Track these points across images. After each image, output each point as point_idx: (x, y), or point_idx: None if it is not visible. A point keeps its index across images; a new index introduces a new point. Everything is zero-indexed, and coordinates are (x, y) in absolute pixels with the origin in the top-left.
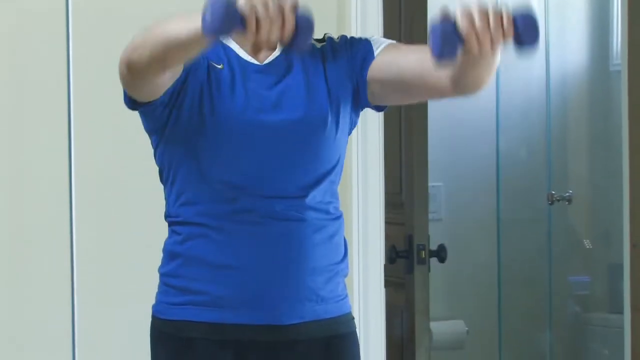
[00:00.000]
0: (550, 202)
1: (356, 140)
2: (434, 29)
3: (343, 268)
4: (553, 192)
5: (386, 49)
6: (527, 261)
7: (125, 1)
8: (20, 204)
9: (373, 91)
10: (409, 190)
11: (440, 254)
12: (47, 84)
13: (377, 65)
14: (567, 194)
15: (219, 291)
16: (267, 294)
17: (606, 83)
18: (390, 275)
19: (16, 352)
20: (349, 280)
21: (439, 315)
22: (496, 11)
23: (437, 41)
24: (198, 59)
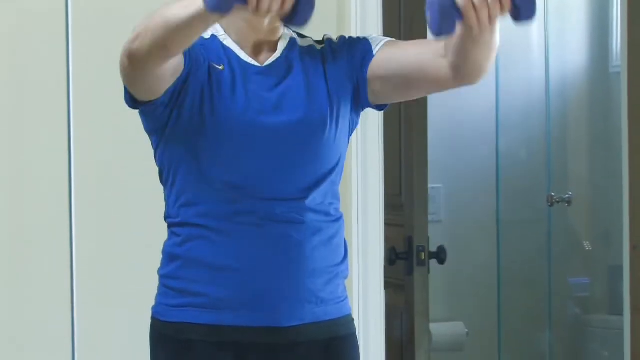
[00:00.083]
0: (550, 204)
1: (356, 141)
2: (432, 4)
3: (343, 270)
4: (553, 194)
5: (385, 46)
6: (527, 263)
7: (125, 1)
8: (20, 204)
9: (374, 89)
10: (409, 191)
11: (440, 256)
12: (47, 84)
13: (377, 62)
14: (567, 196)
15: (219, 293)
16: (267, 296)
17: (606, 84)
18: (389, 276)
19: (16, 352)
20: (349, 281)
21: (439, 316)
22: None
23: (435, 16)
24: (199, 60)
